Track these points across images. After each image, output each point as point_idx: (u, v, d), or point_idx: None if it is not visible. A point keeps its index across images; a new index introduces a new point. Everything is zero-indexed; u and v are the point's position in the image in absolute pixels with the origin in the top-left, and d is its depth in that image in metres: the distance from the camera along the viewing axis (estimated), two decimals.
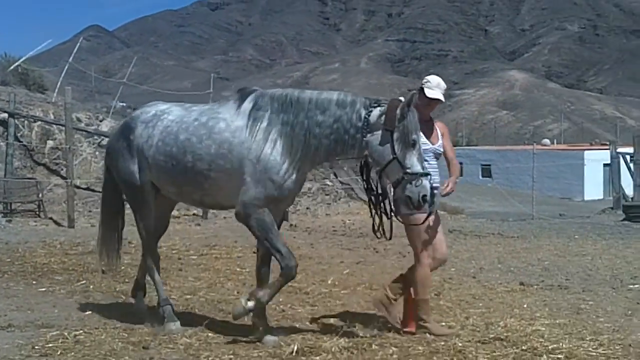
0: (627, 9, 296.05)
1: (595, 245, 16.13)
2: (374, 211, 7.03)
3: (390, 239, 7.10)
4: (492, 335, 7.19)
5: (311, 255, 13.17)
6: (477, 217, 26.69)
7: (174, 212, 11.15)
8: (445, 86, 7.49)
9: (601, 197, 50.69)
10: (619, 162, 29.96)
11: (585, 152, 60.39)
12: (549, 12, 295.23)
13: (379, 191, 6.92)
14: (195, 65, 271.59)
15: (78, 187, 17.69)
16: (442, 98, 7.38)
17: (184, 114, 7.13)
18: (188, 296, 8.98)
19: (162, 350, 6.46)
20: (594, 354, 6.56)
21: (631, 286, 10.73)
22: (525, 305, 9.06)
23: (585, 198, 54.87)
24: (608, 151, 32.49)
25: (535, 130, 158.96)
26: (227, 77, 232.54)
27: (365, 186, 7.03)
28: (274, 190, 6.59)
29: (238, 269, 11.14)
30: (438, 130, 7.47)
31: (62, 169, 18.02)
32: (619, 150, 32.00)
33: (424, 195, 6.37)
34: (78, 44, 38.57)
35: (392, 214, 7.01)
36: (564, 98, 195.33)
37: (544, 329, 7.58)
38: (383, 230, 7.03)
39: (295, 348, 6.37)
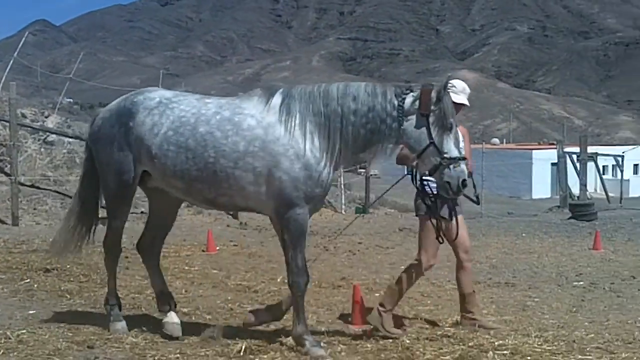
0: (575, 11, 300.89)
1: (542, 243, 16.33)
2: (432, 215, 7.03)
3: (442, 242, 7.24)
4: (439, 332, 7.23)
5: (261, 254, 13.09)
6: None
7: None
8: (470, 91, 7.49)
9: (549, 195, 51.49)
10: (565, 162, 30.42)
11: (534, 151, 61.25)
12: (498, 13, 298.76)
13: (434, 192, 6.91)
14: (144, 61, 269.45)
15: (22, 185, 17.31)
16: (467, 103, 7.39)
17: (199, 104, 6.67)
18: (135, 295, 8.84)
19: (107, 349, 6.33)
20: (539, 350, 6.59)
21: (576, 283, 10.87)
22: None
23: (533, 197, 55.66)
24: (555, 150, 32.94)
25: (485, 130, 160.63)
26: (177, 74, 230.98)
27: (420, 189, 7.07)
28: (315, 188, 6.35)
29: (186, 267, 11.03)
30: (459, 133, 7.37)
31: (6, 166, 17.62)
32: (566, 149, 32.47)
33: (464, 180, 6.23)
34: (24, 39, 37.85)
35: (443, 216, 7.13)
36: (513, 98, 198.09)
37: (491, 324, 7.61)
38: (443, 233, 7.09)
39: (243, 347, 6.30)
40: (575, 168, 29.44)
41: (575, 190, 29.21)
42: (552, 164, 41.45)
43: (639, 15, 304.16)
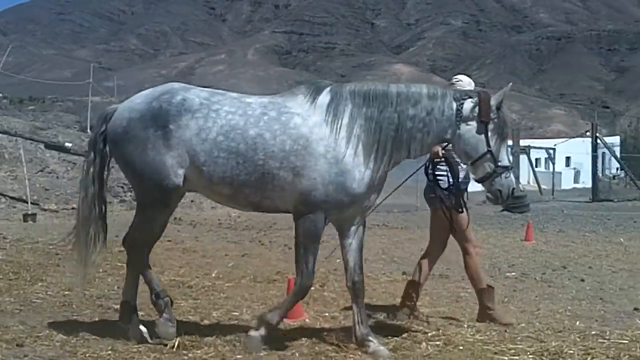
0: (509, 5, 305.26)
1: (475, 235, 16.33)
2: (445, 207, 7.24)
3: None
4: (372, 324, 7.23)
5: (195, 249, 13.03)
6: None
7: (52, 205, 10.81)
8: (475, 86, 7.50)
9: (481, 188, 52.01)
10: None
11: None
12: (433, 7, 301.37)
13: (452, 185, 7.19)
14: (75, 55, 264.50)
15: None
16: None
17: (242, 105, 6.33)
18: (66, 292, 8.66)
19: (37, 347, 6.18)
20: (471, 339, 6.70)
21: (508, 274, 11.06)
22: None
23: (469, 189, 56.14)
24: None
25: None
26: (110, 67, 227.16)
27: (433, 182, 7.25)
28: (345, 196, 6.12)
29: (119, 264, 10.85)
30: None
31: None
32: None
33: (513, 189, 6.32)
34: None
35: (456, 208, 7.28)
36: None
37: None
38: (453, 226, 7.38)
39: (177, 342, 6.24)
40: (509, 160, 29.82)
41: None
42: None
43: (571, 10, 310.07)
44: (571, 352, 6.33)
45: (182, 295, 8.71)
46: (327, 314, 7.87)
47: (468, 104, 6.22)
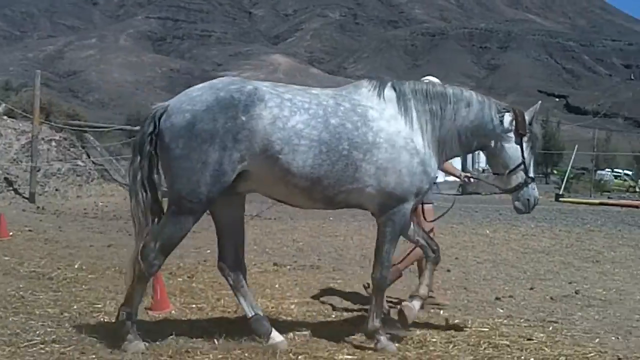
0: (385, 0, 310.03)
1: (347, 226, 16.65)
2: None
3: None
4: (241, 316, 7.13)
5: (58, 239, 12.59)
6: None
7: None
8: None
9: None
10: None
11: None
12: None
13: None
14: None
15: None
16: None
17: (313, 95, 6.18)
18: None
19: None
20: (339, 330, 6.74)
21: None
22: (277, 285, 9.13)
23: None
24: None
25: None
26: None
27: None
28: (426, 183, 6.30)
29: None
30: None
31: None
32: None
33: (536, 199, 6.71)
34: None
35: None
36: (325, 84, 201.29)
37: (293, 307, 7.74)
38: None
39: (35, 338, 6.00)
40: None
41: None
42: None
43: (445, 7, 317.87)
44: (434, 340, 6.48)
45: (42, 288, 8.32)
46: (194, 306, 7.71)
47: (507, 117, 6.58)
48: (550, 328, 7.22)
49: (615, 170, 61.04)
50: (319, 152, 5.92)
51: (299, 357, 5.84)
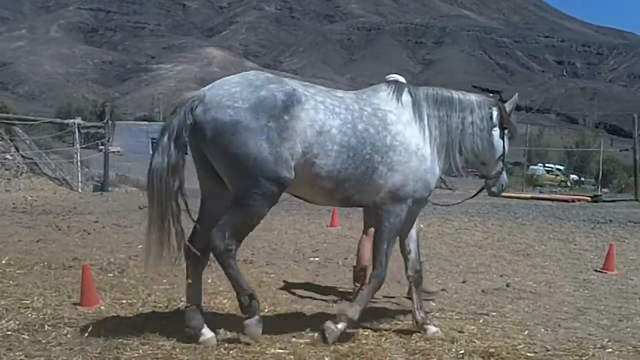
0: None
1: (282, 221, 16.59)
2: None
3: None
4: (172, 311, 7.19)
5: None
6: None
7: None
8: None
9: None
10: None
11: None
12: None
13: None
14: None
15: None
16: None
17: (339, 99, 6.33)
18: None
19: None
20: (271, 324, 6.66)
21: (312, 259, 11.15)
22: (209, 281, 9.01)
23: None
24: None
25: None
26: None
27: None
28: (427, 191, 6.55)
29: None
30: None
31: None
32: None
33: (506, 183, 7.44)
34: None
35: None
36: None
37: (225, 301, 7.72)
38: None
39: None
40: None
41: None
42: None
43: (381, 2, 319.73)
44: (366, 334, 6.56)
45: None
46: (124, 301, 7.60)
47: (495, 112, 7.02)
48: (481, 320, 7.31)
49: (547, 165, 62.16)
50: (347, 157, 6.12)
51: (231, 351, 5.81)
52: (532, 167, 51.86)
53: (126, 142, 73.02)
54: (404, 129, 6.42)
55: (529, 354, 6.12)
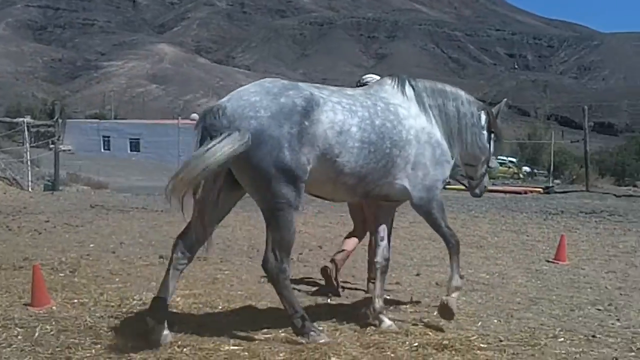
0: None
1: (236, 217, 16.47)
2: None
3: None
4: (125, 310, 7.14)
5: None
6: (123, 192, 26.32)
7: None
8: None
9: None
10: None
11: None
12: None
13: None
14: None
15: None
16: None
17: (352, 97, 6.45)
18: None
19: None
20: (225, 321, 6.76)
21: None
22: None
23: None
24: None
25: (185, 105, 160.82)
26: None
27: None
28: (448, 172, 6.90)
29: None
30: None
31: None
32: None
33: (488, 184, 7.98)
34: None
35: None
36: (213, 73, 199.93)
37: (179, 299, 7.63)
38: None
39: None
40: None
41: None
42: None
43: None
44: (320, 328, 6.47)
45: None
46: (76, 301, 7.49)
47: (483, 115, 7.34)
48: (435, 313, 7.34)
49: (500, 157, 62.76)
50: (368, 152, 6.28)
51: (184, 349, 5.78)
52: None
53: (77, 140, 72.30)
54: (415, 122, 6.65)
55: (482, 345, 6.17)
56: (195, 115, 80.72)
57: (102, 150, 70.08)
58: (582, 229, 14.99)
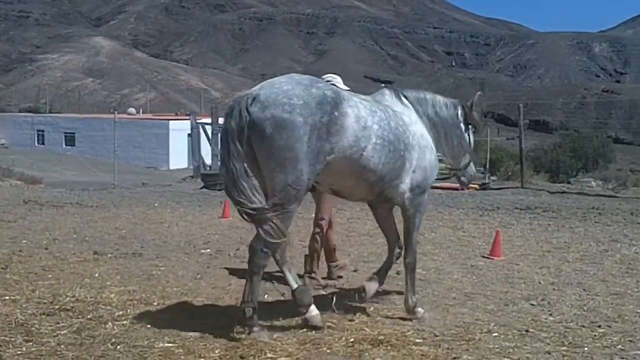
0: None
1: (173, 212, 16.39)
2: None
3: None
4: (57, 307, 7.03)
5: None
6: (58, 187, 25.92)
7: None
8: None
9: (186, 166, 52.23)
10: (199, 132, 30.89)
11: (170, 122, 61.90)
12: None
13: None
14: None
15: None
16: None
17: (365, 99, 6.92)
18: None
19: None
20: (160, 317, 6.70)
21: (203, 251, 11.03)
22: (97, 275, 8.90)
23: (171, 167, 56.33)
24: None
25: (122, 99, 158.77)
26: None
27: None
28: (436, 175, 7.41)
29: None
30: None
31: None
32: (200, 120, 33.04)
33: (475, 174, 8.49)
34: None
35: None
36: (151, 68, 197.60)
37: (113, 296, 7.57)
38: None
39: None
40: (208, 138, 29.97)
41: (209, 160, 29.76)
42: (189, 135, 41.99)
43: None
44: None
45: None
46: (7, 297, 7.42)
47: (460, 110, 7.92)
48: (372, 308, 7.40)
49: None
50: (388, 151, 6.67)
51: (118, 346, 5.75)
52: None
53: (10, 134, 70.96)
54: (415, 128, 7.11)
55: (417, 340, 6.25)
56: (132, 110, 79.98)
57: (36, 144, 68.83)
58: (516, 225, 15.20)
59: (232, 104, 6.22)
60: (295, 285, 6.58)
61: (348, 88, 7.96)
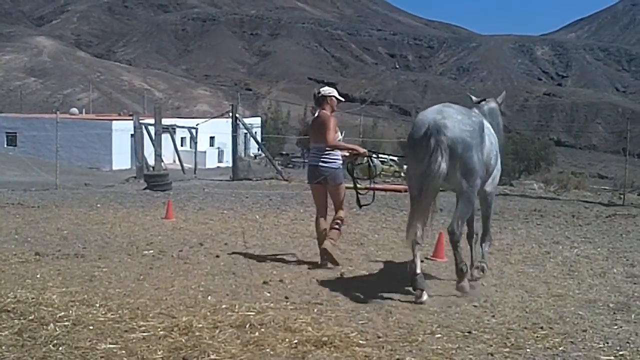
0: None
1: (115, 213, 16.24)
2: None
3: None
4: (21, 301, 7.08)
5: None
6: None
7: None
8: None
9: (129, 166, 51.79)
10: (142, 133, 30.70)
11: (113, 122, 61.33)
12: None
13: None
14: None
15: None
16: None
17: (487, 122, 9.12)
18: None
19: None
20: (102, 319, 6.64)
21: (146, 252, 10.95)
22: (38, 276, 8.83)
23: (114, 168, 55.76)
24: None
25: (64, 99, 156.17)
26: None
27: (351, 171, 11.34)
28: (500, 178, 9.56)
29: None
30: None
31: None
32: (143, 121, 32.80)
33: None
34: None
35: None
36: (93, 68, 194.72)
37: (55, 297, 7.50)
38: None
39: None
40: (151, 139, 29.77)
41: (152, 161, 29.55)
42: (132, 135, 41.60)
43: None
44: (200, 325, 6.50)
45: None
46: None
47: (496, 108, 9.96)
48: (316, 310, 7.43)
49: (381, 156, 63.43)
50: (496, 158, 8.95)
51: (60, 348, 5.70)
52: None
53: None
54: (493, 137, 8.85)
55: (361, 342, 6.28)
56: (74, 110, 78.84)
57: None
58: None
59: (428, 127, 8.05)
60: (418, 271, 8.15)
61: (343, 99, 10.40)
